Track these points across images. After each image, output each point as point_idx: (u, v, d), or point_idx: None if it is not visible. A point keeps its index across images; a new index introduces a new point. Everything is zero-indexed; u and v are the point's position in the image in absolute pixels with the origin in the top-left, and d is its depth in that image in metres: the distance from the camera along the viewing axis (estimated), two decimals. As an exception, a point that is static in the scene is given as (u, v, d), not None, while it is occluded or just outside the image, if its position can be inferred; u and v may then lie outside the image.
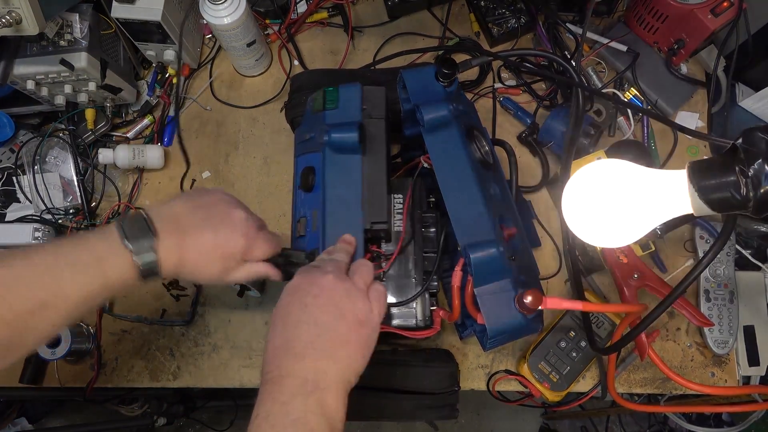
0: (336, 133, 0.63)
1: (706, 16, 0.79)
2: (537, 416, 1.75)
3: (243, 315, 0.83)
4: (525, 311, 0.55)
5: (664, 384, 0.80)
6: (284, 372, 0.48)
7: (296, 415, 0.45)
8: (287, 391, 0.46)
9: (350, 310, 0.51)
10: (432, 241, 0.68)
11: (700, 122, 0.90)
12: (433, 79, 0.66)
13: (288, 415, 0.45)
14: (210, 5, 0.78)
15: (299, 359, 0.48)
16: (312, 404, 0.46)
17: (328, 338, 0.49)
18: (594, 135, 0.80)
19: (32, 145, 0.87)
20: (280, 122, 0.92)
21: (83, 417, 1.62)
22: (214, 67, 0.94)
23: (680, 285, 0.51)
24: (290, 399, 0.46)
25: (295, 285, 0.53)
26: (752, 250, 0.85)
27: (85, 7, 0.80)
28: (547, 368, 0.76)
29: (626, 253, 0.74)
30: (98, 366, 0.81)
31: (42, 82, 0.81)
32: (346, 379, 0.49)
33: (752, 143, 0.41)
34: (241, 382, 0.81)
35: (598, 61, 0.91)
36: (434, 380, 0.73)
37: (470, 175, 0.61)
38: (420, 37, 0.95)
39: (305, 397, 0.46)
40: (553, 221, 0.86)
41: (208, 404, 1.50)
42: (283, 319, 0.51)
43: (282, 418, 0.45)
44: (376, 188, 0.64)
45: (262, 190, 0.89)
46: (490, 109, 0.91)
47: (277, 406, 0.45)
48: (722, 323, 0.79)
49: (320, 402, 0.46)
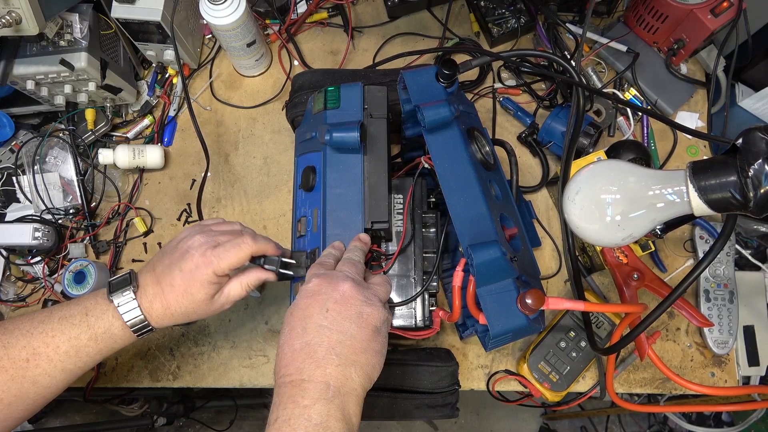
0: (337, 132, 0.63)
1: (706, 16, 0.79)
2: (537, 416, 1.75)
3: (243, 315, 0.83)
4: (527, 311, 0.55)
5: (663, 384, 0.80)
6: (306, 376, 0.48)
7: (318, 419, 0.45)
8: (309, 396, 0.47)
9: (369, 317, 0.52)
10: (432, 241, 0.68)
11: (700, 122, 0.90)
12: (433, 80, 0.66)
13: (310, 419, 0.45)
14: (210, 5, 0.78)
15: (321, 365, 0.48)
16: (333, 409, 0.46)
17: (349, 345, 0.50)
18: (594, 135, 0.80)
19: (32, 145, 0.87)
20: (280, 122, 0.92)
21: (83, 417, 1.62)
22: (214, 67, 0.94)
23: (680, 285, 0.51)
24: (312, 403, 0.46)
25: (314, 289, 0.53)
26: (752, 250, 0.85)
27: (85, 7, 0.80)
28: (547, 368, 0.76)
29: (626, 253, 0.74)
30: (98, 366, 0.81)
31: (42, 82, 0.81)
32: (364, 386, 0.50)
33: (752, 143, 0.41)
34: (241, 382, 0.81)
35: (598, 61, 0.92)
36: (434, 379, 0.73)
37: (472, 175, 0.61)
38: (420, 37, 0.95)
39: (327, 402, 0.46)
40: (553, 221, 0.86)
41: (208, 404, 1.50)
42: (303, 322, 0.51)
43: (304, 422, 0.45)
44: (376, 188, 0.65)
45: (262, 190, 0.89)
46: (490, 109, 0.91)
47: (298, 410, 0.46)
48: (722, 323, 0.79)
49: (341, 407, 0.47)
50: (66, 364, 0.56)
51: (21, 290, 0.86)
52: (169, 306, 0.57)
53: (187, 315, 0.59)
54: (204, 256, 0.57)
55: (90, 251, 0.87)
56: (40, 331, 0.55)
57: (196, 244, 0.58)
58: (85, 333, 0.56)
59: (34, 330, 0.55)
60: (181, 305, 0.58)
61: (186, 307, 0.58)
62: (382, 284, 0.57)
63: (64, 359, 0.56)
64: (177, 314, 0.58)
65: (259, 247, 0.59)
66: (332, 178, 0.65)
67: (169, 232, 0.88)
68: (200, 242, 0.58)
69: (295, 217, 0.70)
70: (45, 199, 0.86)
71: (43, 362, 0.55)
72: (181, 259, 0.57)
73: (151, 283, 0.58)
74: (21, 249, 0.84)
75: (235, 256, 0.57)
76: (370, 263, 0.65)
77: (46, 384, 0.56)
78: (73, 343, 0.56)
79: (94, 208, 0.89)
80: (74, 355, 0.56)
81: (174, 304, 0.57)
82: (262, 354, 0.82)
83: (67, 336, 0.55)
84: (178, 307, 0.58)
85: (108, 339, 0.57)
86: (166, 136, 0.92)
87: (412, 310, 0.65)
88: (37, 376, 0.55)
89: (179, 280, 0.57)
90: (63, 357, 0.55)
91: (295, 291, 0.66)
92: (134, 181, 0.90)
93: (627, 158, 0.78)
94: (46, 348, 0.55)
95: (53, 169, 0.88)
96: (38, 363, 0.55)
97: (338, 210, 0.64)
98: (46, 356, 0.55)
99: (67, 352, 0.55)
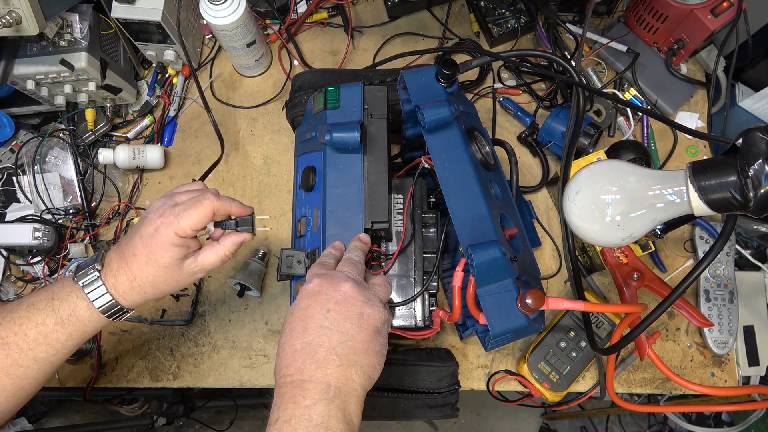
0: (337, 132, 0.63)
1: (706, 16, 0.79)
2: (537, 416, 1.75)
3: (243, 315, 0.83)
4: (527, 311, 0.55)
5: (663, 384, 0.80)
6: (307, 376, 0.48)
7: (319, 420, 0.45)
8: (310, 396, 0.47)
9: (370, 317, 0.52)
10: (432, 241, 0.68)
11: (700, 122, 0.90)
12: (433, 80, 0.66)
13: (311, 420, 0.45)
14: (210, 5, 0.78)
15: (322, 365, 0.48)
16: (334, 410, 0.46)
17: (350, 346, 0.50)
18: (594, 135, 0.80)
19: (32, 145, 0.87)
20: (280, 122, 0.92)
21: (83, 417, 1.62)
22: (214, 67, 0.94)
23: (680, 285, 0.51)
24: (313, 404, 0.46)
25: (315, 289, 0.53)
26: (752, 250, 0.85)
27: (85, 7, 0.80)
28: (547, 368, 0.76)
29: (626, 253, 0.74)
30: (98, 366, 0.81)
31: (42, 82, 0.81)
32: (365, 386, 0.50)
33: (752, 143, 0.41)
34: (241, 382, 0.81)
35: (598, 61, 0.91)
36: (434, 379, 0.73)
37: (472, 175, 0.61)
38: (420, 37, 0.95)
39: (328, 402, 0.46)
40: (553, 221, 0.86)
41: (208, 404, 1.50)
42: (303, 323, 0.51)
43: (305, 423, 0.45)
44: (377, 188, 0.65)
45: (262, 190, 0.89)
46: (490, 109, 0.91)
47: (299, 410, 0.46)
48: (722, 323, 0.79)
49: (342, 408, 0.47)
50: (37, 352, 0.54)
51: (21, 290, 0.86)
52: (135, 277, 0.55)
53: (155, 285, 0.56)
54: (162, 217, 0.54)
55: (90, 251, 0.87)
56: (8, 320, 0.54)
57: (155, 208, 0.56)
58: (50, 317, 0.54)
59: (2, 320, 0.54)
60: (148, 274, 0.55)
61: (153, 275, 0.55)
62: (382, 285, 0.57)
63: (34, 347, 0.54)
64: (145, 285, 0.56)
65: (222, 204, 0.56)
66: (332, 178, 0.65)
67: (169, 232, 0.88)
68: (158, 205, 0.56)
69: (295, 216, 0.70)
70: (45, 199, 0.86)
71: (14, 352, 0.54)
72: (140, 226, 0.56)
73: (115, 259, 0.56)
74: (21, 249, 0.84)
75: (195, 214, 0.54)
76: (370, 263, 0.66)
77: (21, 375, 0.54)
78: (41, 329, 0.54)
79: (94, 208, 0.89)
80: (43, 342, 0.54)
81: (140, 274, 0.55)
82: (262, 354, 0.82)
83: (34, 322, 0.54)
84: (144, 276, 0.55)
85: (75, 322, 0.55)
86: (166, 136, 0.92)
87: (412, 310, 0.65)
88: (9, 367, 0.54)
89: (140, 247, 0.55)
90: (32, 345, 0.54)
91: (295, 291, 0.66)
92: (134, 181, 0.90)
93: (627, 158, 0.78)
94: (15, 337, 0.54)
95: (53, 169, 0.88)
96: (9, 353, 0.53)
97: (338, 210, 0.64)
98: (16, 345, 0.54)
99: (35, 339, 0.54)
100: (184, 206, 0.55)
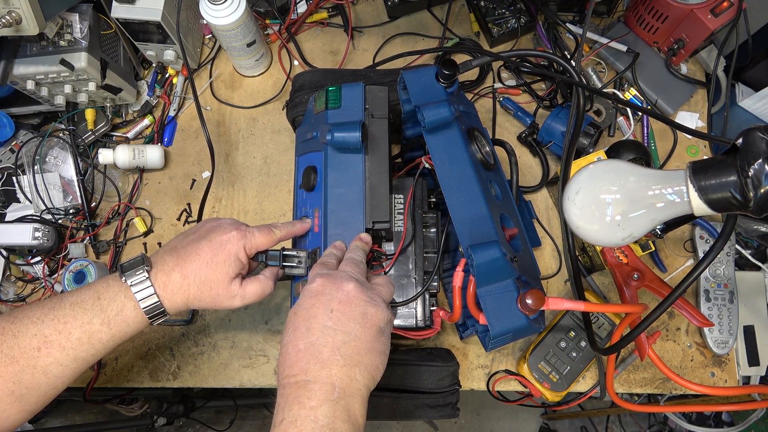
0: (339, 132, 0.63)
1: (706, 16, 0.80)
2: (537, 416, 1.75)
3: (243, 315, 0.83)
4: (527, 312, 0.55)
5: (664, 384, 0.80)
6: (311, 377, 0.48)
7: (324, 421, 0.45)
8: (315, 397, 0.47)
9: (373, 317, 0.52)
10: (432, 241, 0.68)
11: (700, 122, 0.90)
12: (433, 80, 0.66)
13: (317, 420, 0.45)
14: (210, 5, 0.78)
15: (326, 365, 0.48)
16: (339, 410, 0.46)
17: (354, 346, 0.50)
18: (594, 135, 0.80)
19: (32, 145, 0.87)
20: (280, 122, 0.92)
21: (83, 417, 1.62)
22: (214, 67, 0.94)
23: (680, 285, 0.51)
24: (318, 404, 0.46)
25: (318, 289, 0.53)
26: (752, 250, 0.85)
27: (85, 7, 0.80)
28: (547, 368, 0.76)
29: (626, 253, 0.74)
30: (98, 366, 0.81)
31: (42, 82, 0.81)
32: (369, 386, 0.50)
33: (752, 143, 0.41)
34: (241, 382, 0.81)
35: (598, 61, 0.92)
36: (435, 379, 0.73)
37: (472, 175, 0.61)
38: (420, 37, 0.95)
39: (333, 403, 0.46)
40: (553, 221, 0.86)
41: (208, 404, 1.50)
42: (307, 323, 0.51)
43: (310, 424, 0.45)
44: (377, 188, 0.65)
45: (262, 190, 0.89)
46: (490, 109, 0.91)
47: (304, 411, 0.46)
48: (722, 323, 0.79)
49: (347, 408, 0.47)
50: (78, 351, 0.53)
51: (21, 290, 0.86)
52: (188, 275, 0.55)
53: (202, 288, 0.56)
54: (239, 230, 0.58)
55: (90, 251, 0.87)
56: (51, 318, 0.53)
57: (229, 221, 0.60)
58: (97, 317, 0.53)
59: (45, 317, 0.53)
60: (202, 274, 0.56)
61: (207, 277, 0.56)
62: (385, 285, 0.57)
63: (77, 346, 0.53)
64: (195, 285, 0.56)
65: (285, 234, 0.63)
66: (333, 177, 0.65)
67: (169, 232, 0.88)
68: (231, 221, 0.60)
69: (295, 216, 0.70)
70: (45, 199, 0.86)
71: (55, 350, 0.52)
72: (211, 232, 0.58)
73: (170, 258, 0.56)
74: (21, 249, 0.84)
75: (266, 238, 0.59)
76: (370, 263, 0.66)
77: (58, 374, 0.53)
78: (86, 329, 0.53)
79: (94, 208, 0.89)
80: (87, 341, 0.53)
81: (194, 273, 0.55)
82: (262, 354, 0.82)
83: (80, 321, 0.53)
84: (198, 276, 0.55)
85: (121, 322, 0.54)
86: (166, 136, 0.92)
87: (412, 310, 0.65)
88: (48, 366, 0.52)
89: (207, 249, 0.56)
90: (75, 344, 0.53)
91: (295, 291, 0.66)
92: (134, 181, 0.90)
93: (627, 158, 0.78)
94: (58, 335, 0.52)
95: (53, 169, 0.88)
96: (50, 351, 0.52)
97: (339, 210, 0.64)
98: (59, 344, 0.52)
99: (79, 339, 0.53)
100: (258, 228, 0.60)
